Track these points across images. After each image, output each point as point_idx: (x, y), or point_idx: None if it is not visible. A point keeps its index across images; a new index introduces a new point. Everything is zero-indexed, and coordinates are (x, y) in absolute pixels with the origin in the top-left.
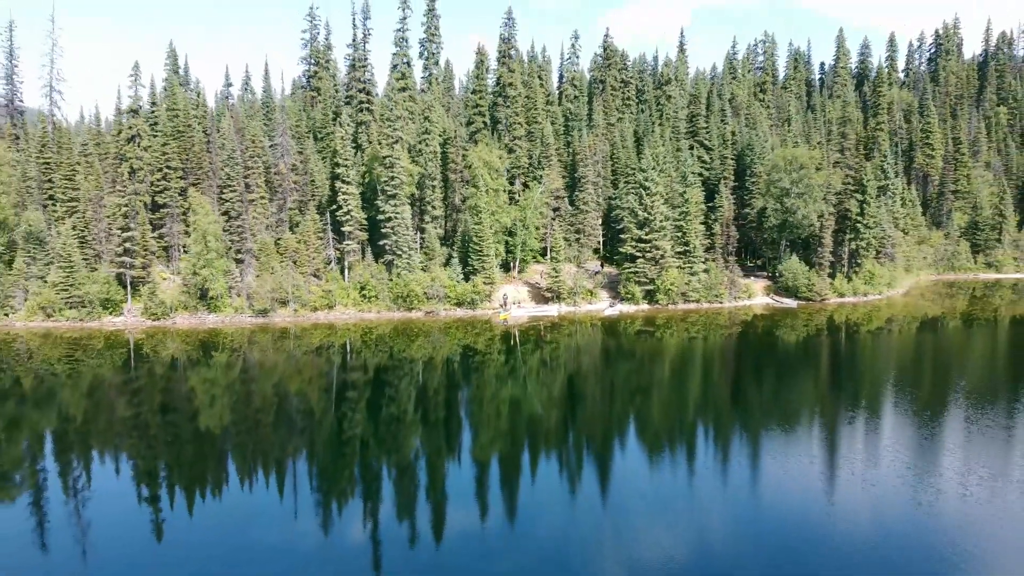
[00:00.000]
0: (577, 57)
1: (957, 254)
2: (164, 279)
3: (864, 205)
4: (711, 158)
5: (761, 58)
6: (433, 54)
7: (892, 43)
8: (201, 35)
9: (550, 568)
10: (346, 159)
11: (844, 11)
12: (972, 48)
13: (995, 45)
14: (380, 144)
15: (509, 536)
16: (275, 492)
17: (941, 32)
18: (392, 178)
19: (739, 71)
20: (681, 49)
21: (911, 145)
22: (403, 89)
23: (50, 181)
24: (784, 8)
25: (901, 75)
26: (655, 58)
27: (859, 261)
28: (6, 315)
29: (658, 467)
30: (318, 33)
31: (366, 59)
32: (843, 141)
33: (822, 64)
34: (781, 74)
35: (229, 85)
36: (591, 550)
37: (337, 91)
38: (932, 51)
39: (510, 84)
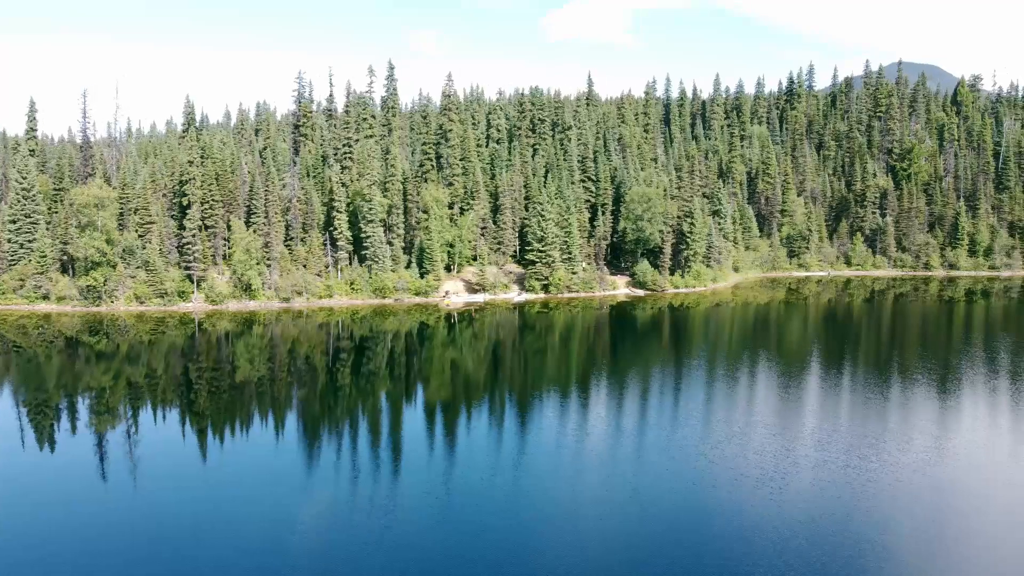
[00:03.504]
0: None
1: (778, 258)
2: (218, 276)
3: (691, 226)
4: (596, 189)
5: (659, 93)
6: (393, 107)
7: (760, 83)
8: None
9: (477, 469)
10: (338, 198)
11: (775, 15)
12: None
13: (840, 88)
14: (360, 184)
15: (449, 454)
16: (287, 424)
17: (794, 77)
18: (370, 209)
19: (627, 113)
20: (589, 92)
21: (757, 172)
22: (371, 136)
23: (133, 211)
24: (718, 11)
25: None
26: (560, 107)
27: (689, 264)
28: (112, 302)
29: (554, 402)
30: (304, 91)
31: (347, 115)
32: (696, 171)
33: (705, 100)
34: (685, 96)
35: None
36: (506, 460)
37: (324, 140)
38: (786, 93)
39: (450, 131)
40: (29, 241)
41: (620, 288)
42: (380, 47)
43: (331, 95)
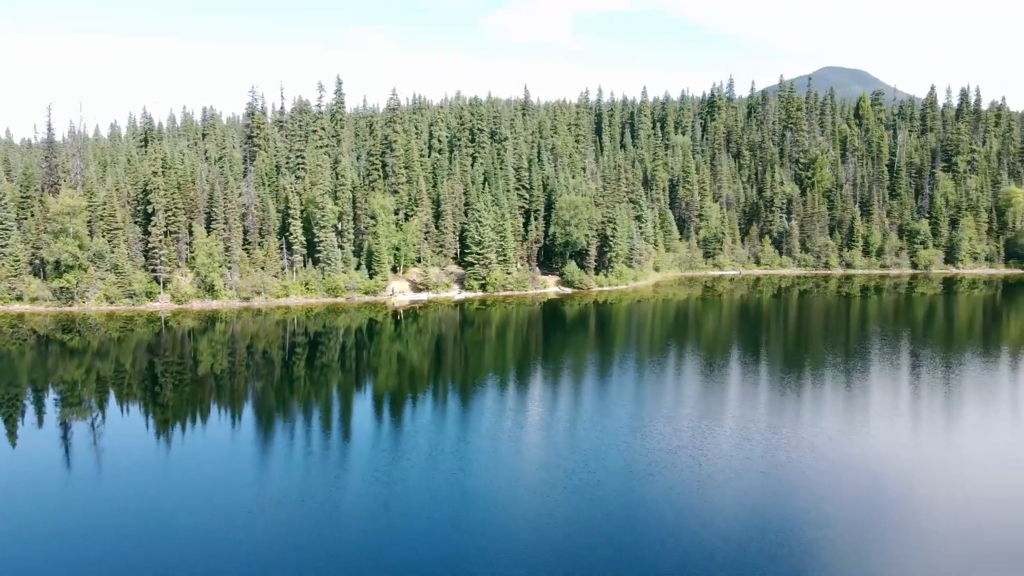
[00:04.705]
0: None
1: (695, 258)
2: (182, 278)
3: (614, 230)
4: (530, 196)
5: (592, 97)
6: (341, 119)
7: (684, 94)
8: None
9: (422, 454)
10: (293, 206)
11: (715, 20)
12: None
13: (756, 99)
14: (312, 193)
15: (395, 440)
16: (245, 415)
17: (715, 90)
18: (322, 216)
19: (559, 125)
20: (525, 102)
21: (678, 180)
22: (320, 147)
23: (99, 218)
24: (658, 13)
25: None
26: (498, 117)
27: (612, 265)
28: (83, 302)
29: (493, 390)
30: (257, 104)
31: (300, 128)
32: (623, 178)
33: (633, 112)
34: (616, 105)
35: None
36: (448, 446)
37: (277, 150)
38: (708, 104)
39: (395, 141)
40: (2, 246)
41: (551, 287)
42: (322, 44)
43: (283, 108)
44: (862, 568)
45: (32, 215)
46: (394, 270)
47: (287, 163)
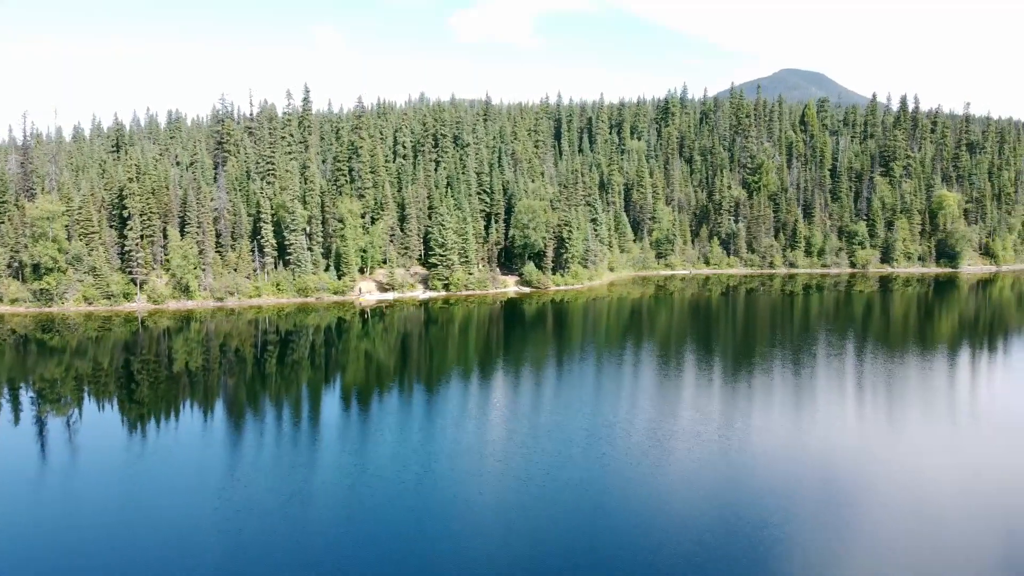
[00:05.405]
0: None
1: (648, 259)
2: (158, 279)
3: (570, 233)
4: (491, 200)
5: (552, 100)
6: (308, 126)
7: (641, 100)
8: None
9: (388, 447)
10: (265, 211)
11: (673, 20)
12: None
13: (708, 105)
14: (282, 198)
15: (363, 433)
16: (217, 410)
17: (669, 96)
18: (292, 220)
19: (519, 131)
20: (487, 108)
21: (632, 184)
22: (289, 153)
23: (76, 222)
24: (618, 13)
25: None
26: (461, 122)
27: (568, 265)
28: (63, 303)
29: (456, 384)
30: (226, 110)
31: (271, 138)
32: (580, 182)
33: (591, 117)
34: (574, 110)
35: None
36: (413, 439)
37: (247, 157)
38: (662, 111)
39: (361, 147)
40: None
41: (510, 286)
42: (284, 43)
43: (252, 114)
44: (819, 550)
45: (9, 220)
46: (361, 271)
47: (257, 168)
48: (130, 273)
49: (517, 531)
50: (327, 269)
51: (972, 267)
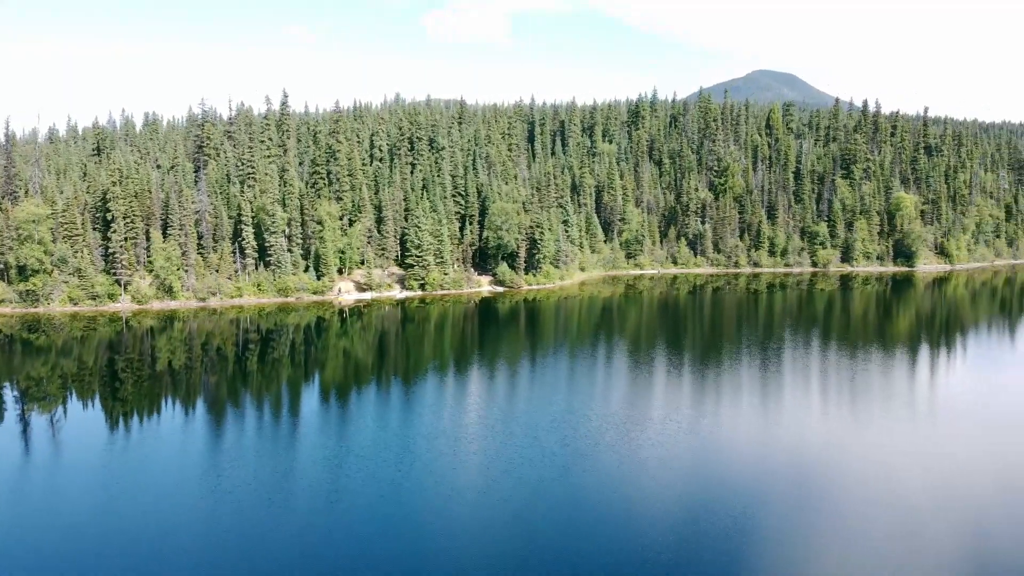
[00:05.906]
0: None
1: (618, 259)
2: (142, 280)
3: (542, 234)
4: (465, 203)
5: (527, 101)
6: (287, 130)
7: (612, 105)
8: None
9: (366, 442)
10: (245, 214)
11: (648, 20)
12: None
13: (678, 109)
14: (263, 200)
15: (341, 429)
16: (199, 407)
17: (641, 100)
18: (272, 223)
19: (493, 134)
20: (462, 112)
21: (603, 186)
22: (267, 157)
23: (61, 224)
24: (594, 14)
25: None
26: (436, 125)
27: (540, 265)
28: (49, 303)
29: (432, 381)
30: (205, 115)
31: (250, 143)
32: (552, 185)
33: (563, 120)
34: (547, 113)
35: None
36: (391, 434)
37: (227, 160)
38: (632, 114)
39: (338, 151)
40: None
41: (484, 286)
42: (258, 43)
43: (231, 118)
44: (790, 539)
45: None
46: (340, 272)
47: (237, 172)
48: (114, 274)
49: (498, 524)
50: (306, 270)
51: (928, 266)
